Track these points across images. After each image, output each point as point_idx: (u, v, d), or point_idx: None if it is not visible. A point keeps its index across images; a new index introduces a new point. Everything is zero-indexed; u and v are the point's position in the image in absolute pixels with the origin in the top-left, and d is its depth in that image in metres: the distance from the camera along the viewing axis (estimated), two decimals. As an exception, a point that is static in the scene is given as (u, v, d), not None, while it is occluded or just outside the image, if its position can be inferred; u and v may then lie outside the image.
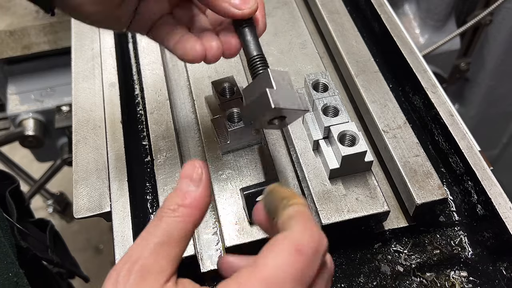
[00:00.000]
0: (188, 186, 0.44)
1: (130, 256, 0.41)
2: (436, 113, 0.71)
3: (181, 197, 0.43)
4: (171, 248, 0.41)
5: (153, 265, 0.40)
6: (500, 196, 0.62)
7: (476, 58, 1.60)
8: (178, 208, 0.42)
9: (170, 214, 0.42)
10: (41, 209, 1.91)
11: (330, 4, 0.88)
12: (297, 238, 0.39)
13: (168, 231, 0.42)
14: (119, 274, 0.40)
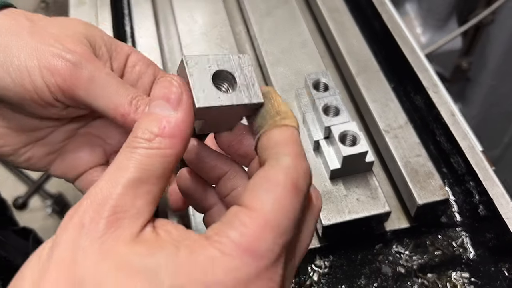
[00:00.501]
0: (164, 109, 0.36)
1: (95, 196, 0.33)
2: (437, 113, 0.71)
3: (157, 123, 0.35)
4: (149, 186, 0.34)
5: (127, 207, 0.33)
6: (502, 197, 0.62)
7: (477, 58, 1.59)
8: (154, 138, 0.35)
9: (144, 144, 0.35)
10: (39, 210, 1.90)
11: (331, 3, 0.88)
12: (293, 173, 0.34)
13: (144, 166, 0.34)
14: (83, 219, 0.32)
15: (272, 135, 0.37)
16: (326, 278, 0.62)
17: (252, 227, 0.31)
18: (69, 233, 0.32)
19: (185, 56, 0.38)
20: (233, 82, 0.40)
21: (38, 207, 1.91)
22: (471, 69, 1.62)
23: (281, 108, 0.39)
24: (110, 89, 0.44)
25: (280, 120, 0.38)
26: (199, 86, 0.38)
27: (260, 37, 0.83)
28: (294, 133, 0.37)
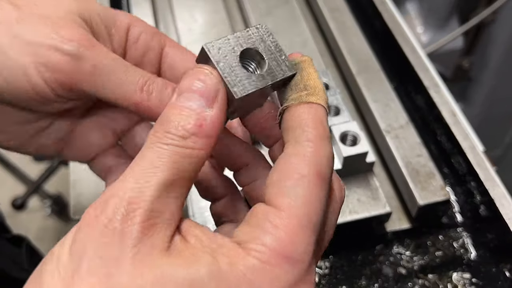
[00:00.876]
0: (198, 104, 0.33)
1: (123, 195, 0.29)
2: (438, 112, 0.70)
3: (193, 121, 0.32)
4: (179, 188, 0.31)
5: (161, 211, 0.30)
6: (503, 197, 0.62)
7: (479, 57, 1.59)
8: (189, 137, 0.32)
9: (178, 142, 0.31)
10: (38, 210, 1.90)
11: (331, 2, 0.87)
12: (316, 161, 0.32)
13: (177, 166, 0.31)
14: (113, 222, 0.29)
15: (295, 113, 0.35)
16: (327, 279, 0.62)
17: (285, 230, 0.30)
18: (96, 239, 0.29)
19: (206, 44, 0.35)
20: (260, 59, 0.37)
21: (37, 207, 1.91)
22: (472, 69, 1.62)
23: (310, 82, 0.35)
24: (117, 77, 0.40)
25: (306, 96, 0.35)
26: (230, 75, 0.35)
27: (260, 37, 0.83)
28: (319, 112, 0.34)
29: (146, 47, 0.45)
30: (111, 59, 0.40)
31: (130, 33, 0.45)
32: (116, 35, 0.44)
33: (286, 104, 0.35)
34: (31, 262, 0.86)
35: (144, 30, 0.45)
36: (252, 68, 0.37)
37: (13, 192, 1.65)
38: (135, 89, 0.40)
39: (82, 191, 0.66)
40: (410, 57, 0.77)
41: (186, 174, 0.32)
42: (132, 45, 0.45)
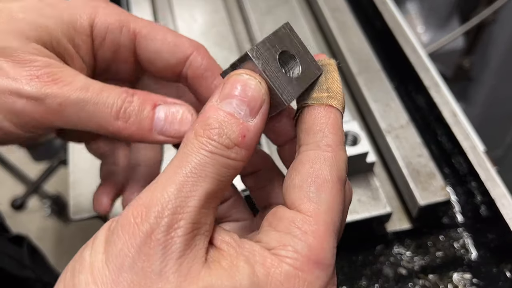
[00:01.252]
0: (244, 114, 0.32)
1: (165, 203, 0.29)
2: (439, 112, 0.70)
3: (238, 130, 0.31)
4: (217, 199, 0.31)
5: (203, 222, 0.30)
6: (504, 197, 0.62)
7: (479, 57, 1.59)
8: (233, 148, 0.31)
9: (223, 153, 0.30)
10: (38, 211, 1.90)
11: (332, 2, 0.87)
12: (337, 165, 0.33)
13: (220, 177, 0.30)
14: (155, 229, 0.28)
15: (317, 114, 0.35)
16: (327, 280, 0.62)
17: (315, 237, 0.31)
18: (137, 249, 0.28)
19: (249, 51, 0.33)
20: (294, 61, 0.36)
21: (37, 207, 1.91)
22: (473, 69, 1.62)
23: (333, 85, 0.36)
24: (88, 109, 0.37)
25: (327, 99, 0.35)
26: (277, 82, 0.34)
27: (260, 36, 0.82)
28: (338, 117, 0.35)
29: (116, 45, 0.42)
30: (78, 90, 0.37)
31: (94, 34, 0.42)
32: (82, 43, 0.41)
33: (306, 102, 0.35)
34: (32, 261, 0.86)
35: (109, 24, 0.41)
36: (289, 71, 0.36)
37: (13, 192, 1.65)
38: (110, 118, 0.38)
39: (81, 191, 0.66)
40: (411, 57, 0.77)
41: (224, 185, 0.31)
42: (99, 46, 0.42)
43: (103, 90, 0.38)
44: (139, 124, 0.39)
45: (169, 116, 0.39)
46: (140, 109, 0.39)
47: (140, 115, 0.39)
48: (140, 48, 0.42)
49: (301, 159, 0.34)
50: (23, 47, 0.37)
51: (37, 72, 0.37)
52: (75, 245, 1.16)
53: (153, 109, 0.39)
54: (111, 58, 0.43)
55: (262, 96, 0.32)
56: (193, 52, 0.43)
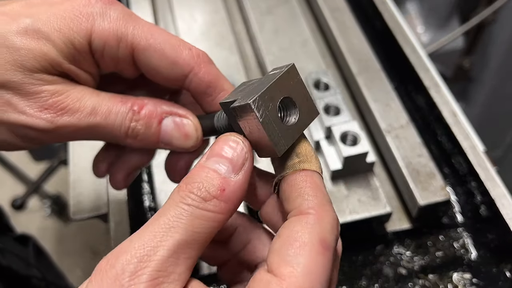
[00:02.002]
0: (226, 170, 0.33)
1: (134, 251, 0.30)
2: (439, 112, 0.70)
3: (217, 184, 0.33)
4: (191, 251, 0.32)
5: (168, 272, 0.31)
6: (504, 197, 0.62)
7: (479, 57, 1.59)
8: (211, 200, 0.32)
9: (199, 204, 0.32)
10: (38, 210, 1.90)
11: (332, 2, 0.87)
12: (319, 229, 0.32)
13: (193, 228, 0.32)
14: (122, 276, 0.30)
15: (292, 182, 0.35)
16: (327, 279, 0.62)
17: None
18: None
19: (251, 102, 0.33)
20: (293, 107, 0.37)
21: (37, 207, 1.91)
22: (473, 69, 1.62)
23: (301, 149, 0.36)
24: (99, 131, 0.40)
25: (299, 164, 0.36)
26: (273, 133, 0.34)
27: (260, 36, 0.82)
28: (315, 179, 0.35)
29: (115, 59, 0.43)
30: (87, 116, 0.39)
31: (92, 50, 0.42)
32: (83, 60, 0.42)
33: (281, 173, 0.36)
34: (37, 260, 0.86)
35: (105, 39, 0.41)
36: (287, 117, 0.37)
37: (13, 192, 1.65)
38: (120, 136, 0.41)
39: (81, 191, 0.66)
40: (411, 57, 0.77)
41: (201, 236, 0.32)
42: (100, 59, 0.43)
43: (111, 110, 0.40)
44: (147, 140, 0.42)
45: (174, 131, 0.42)
46: (147, 127, 0.41)
47: (147, 133, 0.41)
48: (139, 62, 0.43)
49: (284, 225, 0.34)
50: (27, 79, 0.38)
51: (45, 104, 0.38)
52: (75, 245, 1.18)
53: (159, 124, 0.41)
54: (114, 68, 0.44)
55: (244, 155, 0.34)
56: (192, 69, 0.42)
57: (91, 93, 0.40)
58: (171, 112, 0.42)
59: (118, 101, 0.41)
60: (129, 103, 0.41)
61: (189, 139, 0.42)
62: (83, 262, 2.04)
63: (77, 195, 0.65)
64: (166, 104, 0.42)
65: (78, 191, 0.66)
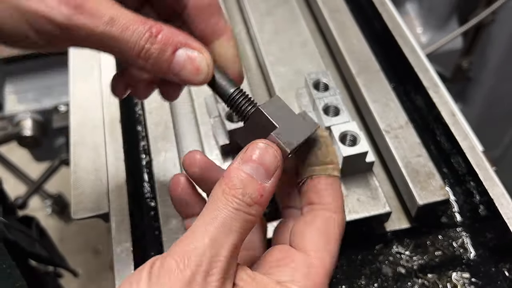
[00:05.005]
0: (262, 176, 0.38)
1: (202, 253, 0.35)
2: (438, 113, 0.70)
3: (258, 190, 0.38)
4: (240, 248, 0.38)
5: (230, 269, 0.36)
6: (503, 197, 0.62)
7: (478, 58, 1.59)
8: (253, 205, 0.37)
9: (245, 208, 0.37)
10: (39, 210, 1.90)
11: (331, 3, 0.87)
12: (342, 227, 0.43)
13: (243, 231, 0.37)
14: (195, 275, 0.34)
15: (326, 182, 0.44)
16: (326, 279, 0.62)
17: (319, 277, 0.39)
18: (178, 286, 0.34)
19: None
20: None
21: (38, 207, 1.91)
22: (472, 69, 1.62)
23: (335, 158, 0.45)
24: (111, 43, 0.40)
25: (332, 170, 0.44)
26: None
27: (260, 37, 0.83)
28: (340, 185, 0.45)
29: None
30: (105, 24, 0.39)
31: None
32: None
33: (314, 173, 0.44)
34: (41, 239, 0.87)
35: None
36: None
37: (14, 192, 1.65)
38: (131, 54, 0.40)
39: (82, 191, 0.66)
40: (410, 57, 0.77)
41: (245, 235, 0.38)
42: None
43: (129, 26, 0.40)
44: (158, 66, 0.41)
45: (186, 63, 0.42)
46: (161, 52, 0.41)
47: (160, 58, 0.41)
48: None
49: (315, 215, 0.43)
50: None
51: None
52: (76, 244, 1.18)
53: (173, 53, 0.41)
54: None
55: (277, 163, 0.39)
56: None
57: (113, 4, 0.40)
58: (186, 44, 0.42)
59: (138, 19, 0.40)
60: (147, 25, 0.40)
61: (200, 74, 0.43)
62: (84, 262, 2.04)
63: (78, 195, 0.66)
64: (182, 35, 0.42)
65: (79, 190, 0.66)
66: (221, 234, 0.36)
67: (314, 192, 0.44)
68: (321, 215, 0.42)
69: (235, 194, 0.37)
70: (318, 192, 0.43)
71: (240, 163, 0.39)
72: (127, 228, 0.61)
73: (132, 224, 0.62)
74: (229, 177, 0.38)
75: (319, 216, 0.42)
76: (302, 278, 0.39)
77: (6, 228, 0.74)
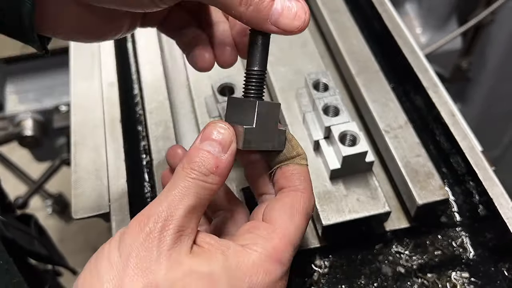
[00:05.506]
0: (218, 151, 0.43)
1: (159, 213, 0.41)
2: (437, 113, 0.71)
3: (213, 162, 0.43)
4: (198, 211, 0.43)
5: (186, 226, 0.41)
6: (502, 197, 0.62)
7: (477, 58, 1.59)
8: (209, 175, 0.43)
9: (201, 177, 0.42)
10: (40, 210, 1.90)
11: (331, 3, 0.88)
12: (308, 204, 0.47)
13: (199, 195, 0.42)
14: (153, 231, 0.40)
15: (294, 170, 0.49)
16: (326, 278, 0.62)
17: (280, 242, 0.44)
18: (140, 243, 0.40)
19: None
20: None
21: (39, 207, 1.91)
22: (471, 69, 1.62)
23: (299, 149, 0.50)
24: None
25: (300, 159, 0.49)
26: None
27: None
28: (307, 171, 0.50)
29: None
30: None
31: None
32: None
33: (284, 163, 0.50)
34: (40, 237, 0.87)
35: None
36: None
37: (15, 192, 1.65)
38: (235, 2, 0.43)
39: (83, 191, 0.66)
40: (409, 57, 0.77)
41: (203, 202, 0.43)
42: None
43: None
44: (258, 13, 0.44)
45: (285, 9, 0.45)
46: (260, 1, 0.44)
47: (260, 4, 0.44)
48: None
49: (283, 194, 0.48)
50: None
51: None
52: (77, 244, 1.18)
53: (272, 0, 0.44)
54: None
55: (230, 138, 0.44)
56: None
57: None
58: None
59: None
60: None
61: (298, 20, 0.45)
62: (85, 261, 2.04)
63: (79, 195, 0.66)
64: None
65: (80, 190, 0.66)
66: (176, 198, 0.41)
67: (283, 178, 0.49)
68: (289, 193, 0.47)
69: (192, 167, 0.43)
70: (286, 178, 0.49)
71: (199, 142, 0.44)
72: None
73: (132, 224, 0.62)
74: (190, 155, 0.44)
75: (288, 195, 0.47)
76: (263, 241, 0.43)
77: (4, 226, 0.74)
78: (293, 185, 0.48)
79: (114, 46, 0.84)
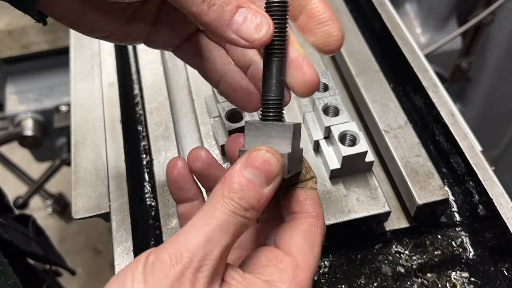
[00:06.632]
0: (263, 183, 0.40)
1: (195, 252, 0.37)
2: (437, 113, 0.71)
3: (256, 196, 0.39)
4: (230, 249, 0.40)
5: (220, 268, 0.39)
6: (502, 197, 0.62)
7: (477, 58, 1.59)
8: (249, 210, 0.39)
9: (242, 213, 0.39)
10: (40, 210, 1.90)
11: (331, 3, 0.87)
12: (323, 231, 0.46)
13: (236, 234, 0.39)
14: (186, 271, 0.36)
15: (308, 194, 0.47)
16: (326, 278, 0.62)
17: (303, 278, 0.42)
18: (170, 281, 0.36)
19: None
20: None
21: (39, 207, 1.91)
22: (471, 69, 1.62)
23: (312, 173, 0.48)
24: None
25: (313, 184, 0.48)
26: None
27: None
28: (318, 195, 0.48)
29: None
30: None
31: None
32: None
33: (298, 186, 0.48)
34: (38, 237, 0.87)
35: None
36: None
37: (15, 192, 1.65)
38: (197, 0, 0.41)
39: (83, 191, 0.66)
40: (409, 58, 0.77)
41: (236, 239, 0.40)
42: None
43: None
44: (220, 15, 0.42)
45: (247, 20, 0.42)
46: (226, 2, 0.42)
47: (224, 7, 0.41)
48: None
49: (300, 222, 0.45)
50: None
51: None
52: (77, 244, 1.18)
53: (236, 9, 0.42)
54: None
55: (278, 171, 0.41)
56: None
57: None
58: (249, 7, 0.43)
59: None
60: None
61: (259, 31, 0.42)
62: (85, 261, 2.04)
63: (79, 195, 0.66)
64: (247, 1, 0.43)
65: (80, 190, 0.66)
66: (215, 235, 0.38)
67: (297, 202, 0.47)
68: (305, 221, 0.45)
69: (233, 198, 0.39)
70: (300, 203, 0.46)
71: (241, 167, 0.40)
72: (127, 227, 0.62)
73: (132, 224, 0.62)
74: (230, 180, 0.39)
75: (304, 222, 0.45)
76: (289, 278, 0.41)
77: (2, 227, 0.74)
78: (308, 211, 0.46)
79: (114, 46, 0.84)
